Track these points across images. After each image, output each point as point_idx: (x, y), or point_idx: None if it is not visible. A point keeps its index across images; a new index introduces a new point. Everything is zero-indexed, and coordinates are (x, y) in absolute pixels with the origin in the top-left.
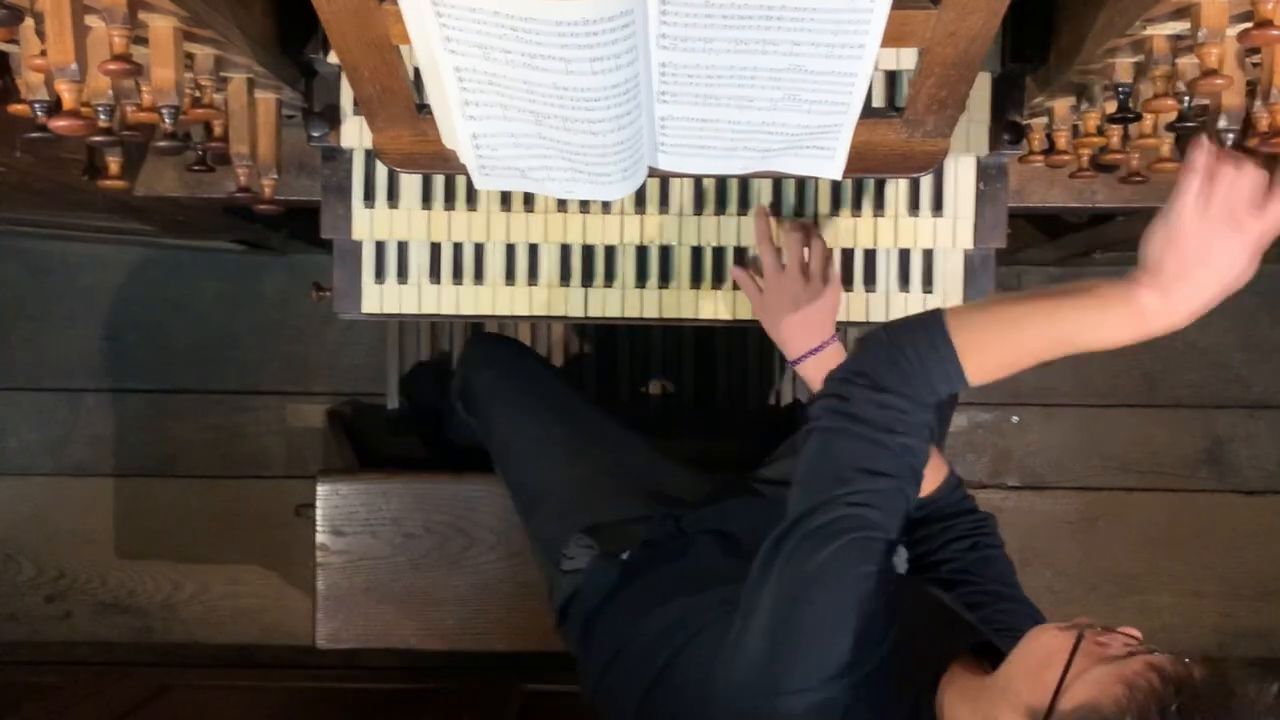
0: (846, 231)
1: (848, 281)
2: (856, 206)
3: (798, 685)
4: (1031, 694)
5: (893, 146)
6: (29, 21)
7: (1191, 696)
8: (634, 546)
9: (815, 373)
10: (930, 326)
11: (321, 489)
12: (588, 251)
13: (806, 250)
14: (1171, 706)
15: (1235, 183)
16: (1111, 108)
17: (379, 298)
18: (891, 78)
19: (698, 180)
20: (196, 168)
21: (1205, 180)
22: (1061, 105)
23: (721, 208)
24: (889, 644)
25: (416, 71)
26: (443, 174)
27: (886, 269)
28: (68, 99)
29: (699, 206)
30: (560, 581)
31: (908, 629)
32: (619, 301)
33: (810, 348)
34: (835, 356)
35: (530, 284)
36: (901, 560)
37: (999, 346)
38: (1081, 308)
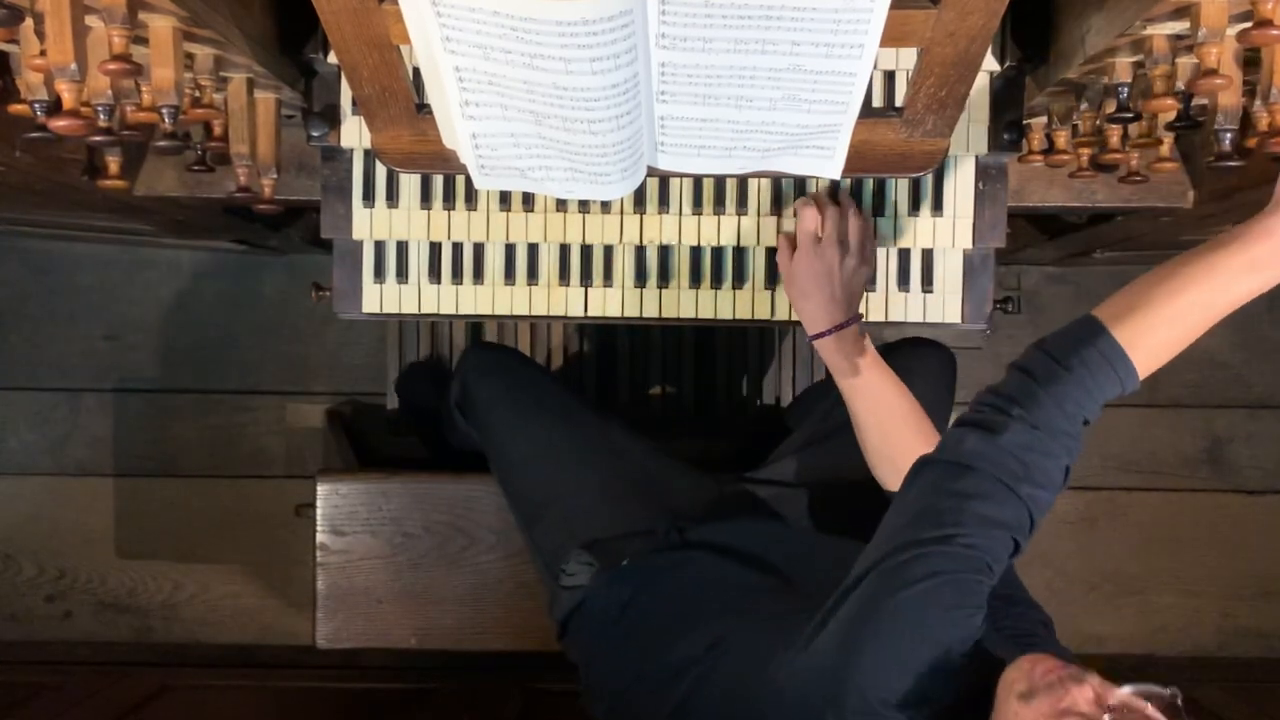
0: None
1: None
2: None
3: (862, 706)
4: None
5: (892, 146)
6: (29, 21)
7: None
8: (636, 559)
9: (834, 350)
10: (1090, 331)
11: (322, 489)
12: (587, 251)
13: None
14: None
15: None
16: (1111, 107)
17: (379, 298)
18: (891, 78)
19: (697, 180)
20: (196, 168)
21: None
22: (1061, 105)
23: (720, 208)
24: (966, 685)
25: (416, 71)
26: (442, 174)
27: (886, 268)
28: (68, 99)
29: (698, 206)
30: (560, 596)
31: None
32: (618, 301)
33: (834, 323)
34: (856, 337)
35: (530, 284)
36: None
37: (1166, 326)
38: (1234, 250)
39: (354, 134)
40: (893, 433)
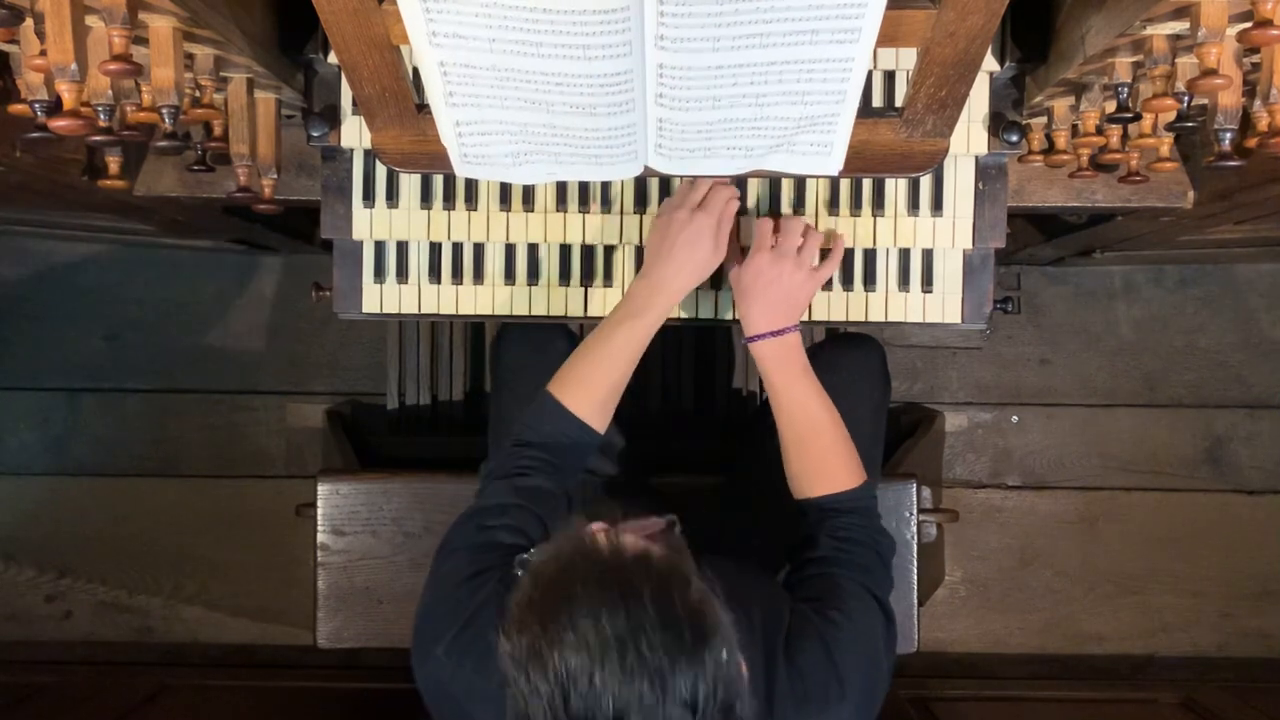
0: (845, 231)
1: (848, 281)
2: (855, 206)
3: None
4: None
5: (892, 146)
6: (29, 21)
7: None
8: None
9: (771, 354)
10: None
11: (322, 489)
12: (587, 251)
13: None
14: None
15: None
16: (1111, 107)
17: (379, 298)
18: (891, 78)
19: None
20: (196, 168)
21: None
22: (1061, 105)
23: None
24: None
25: (416, 71)
26: (442, 174)
27: (886, 269)
28: (68, 99)
29: None
30: None
31: None
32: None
33: (773, 329)
34: (793, 346)
35: (530, 284)
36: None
37: (591, 374)
38: (619, 306)
39: (354, 134)
40: (811, 445)
